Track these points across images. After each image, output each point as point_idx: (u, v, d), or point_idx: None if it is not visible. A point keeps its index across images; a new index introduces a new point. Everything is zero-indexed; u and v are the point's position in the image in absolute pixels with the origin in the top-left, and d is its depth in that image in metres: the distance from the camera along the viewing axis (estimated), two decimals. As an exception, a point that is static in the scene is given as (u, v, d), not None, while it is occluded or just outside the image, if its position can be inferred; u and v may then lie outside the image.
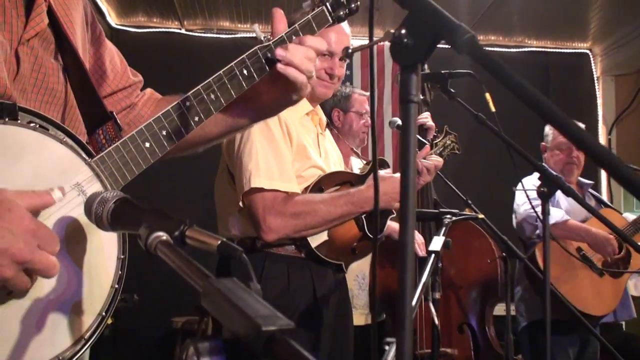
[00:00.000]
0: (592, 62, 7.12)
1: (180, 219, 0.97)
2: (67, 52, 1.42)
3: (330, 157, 2.85)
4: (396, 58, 0.91)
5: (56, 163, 1.24)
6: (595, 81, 7.14)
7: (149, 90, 1.75)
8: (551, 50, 7.07)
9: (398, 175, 2.62)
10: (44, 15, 1.36)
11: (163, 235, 0.92)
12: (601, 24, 6.50)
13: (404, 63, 0.90)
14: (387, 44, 0.91)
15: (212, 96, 1.48)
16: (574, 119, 4.28)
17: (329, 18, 1.64)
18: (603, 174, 6.99)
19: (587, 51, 7.13)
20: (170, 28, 6.67)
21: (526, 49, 7.03)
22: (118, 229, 1.10)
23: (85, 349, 1.24)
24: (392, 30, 0.89)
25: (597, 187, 6.81)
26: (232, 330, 0.66)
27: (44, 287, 1.16)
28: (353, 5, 1.67)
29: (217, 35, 6.66)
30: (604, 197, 6.94)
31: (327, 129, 2.99)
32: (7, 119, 1.17)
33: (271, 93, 1.61)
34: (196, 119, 1.47)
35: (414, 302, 2.10)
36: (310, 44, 1.54)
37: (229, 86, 1.50)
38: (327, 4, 1.63)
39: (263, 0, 6.01)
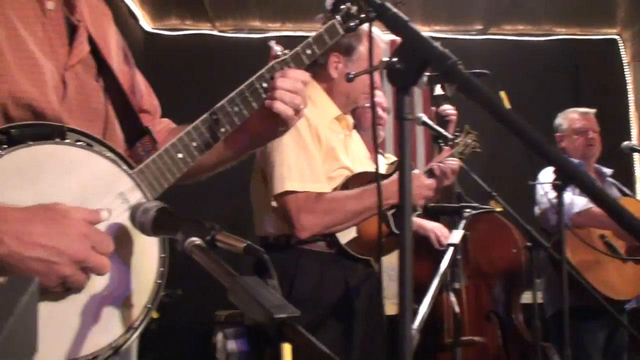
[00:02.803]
0: (621, 48, 7.09)
1: (211, 225, 1.14)
2: (107, 73, 1.59)
3: (357, 158, 3.01)
4: (391, 81, 1.05)
5: (101, 176, 1.40)
6: (626, 67, 7.11)
7: (165, 120, 1.89)
8: (579, 37, 7.06)
9: (420, 173, 2.74)
10: (85, 44, 1.53)
11: (197, 240, 1.09)
12: (629, 9, 6.49)
13: (398, 85, 1.05)
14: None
15: (236, 109, 1.64)
16: (605, 106, 4.41)
17: (340, 30, 1.76)
18: (636, 161, 6.97)
19: (616, 37, 7.10)
20: (203, 30, 6.86)
21: (554, 37, 7.03)
22: (159, 234, 1.28)
23: (135, 336, 1.41)
24: (386, 59, 1.04)
25: (630, 173, 6.82)
26: (253, 318, 0.82)
27: (98, 284, 1.33)
28: (363, 15, 1.79)
29: (248, 35, 6.82)
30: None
31: (354, 131, 3.15)
32: (57, 140, 1.34)
33: (262, 125, 1.71)
34: (222, 130, 1.62)
35: (431, 292, 2.25)
36: (292, 76, 1.65)
37: (250, 99, 1.66)
38: (338, 17, 1.76)
39: (292, 0, 6.16)
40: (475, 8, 6.43)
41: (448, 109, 3.67)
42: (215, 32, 6.86)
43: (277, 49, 1.69)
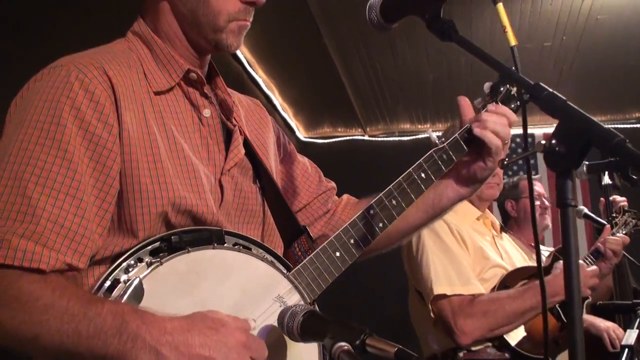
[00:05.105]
0: None
1: (360, 328, 1.08)
2: (263, 175, 1.62)
3: (513, 258, 2.90)
4: (550, 165, 0.97)
5: (259, 279, 1.40)
6: None
7: (345, 196, 1.91)
8: None
9: (582, 263, 2.57)
10: (241, 147, 1.57)
11: (345, 345, 1.04)
12: None
13: (558, 170, 0.97)
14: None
15: (394, 202, 1.61)
16: None
17: None
18: None
19: None
20: (355, 135, 7.05)
21: None
22: (308, 340, 1.23)
23: None
24: (543, 142, 0.96)
25: None
26: None
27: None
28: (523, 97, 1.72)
29: (399, 138, 6.93)
30: None
31: (504, 233, 3.10)
32: (215, 244, 1.36)
33: (467, 165, 1.70)
34: (380, 225, 1.59)
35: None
36: (501, 111, 1.65)
37: (408, 191, 1.63)
38: (497, 99, 1.71)
39: (440, 100, 6.19)
40: (630, 97, 6.12)
41: (619, 199, 3.46)
42: (366, 137, 7.02)
43: (434, 137, 1.67)
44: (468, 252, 2.71)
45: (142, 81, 1.43)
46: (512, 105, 1.72)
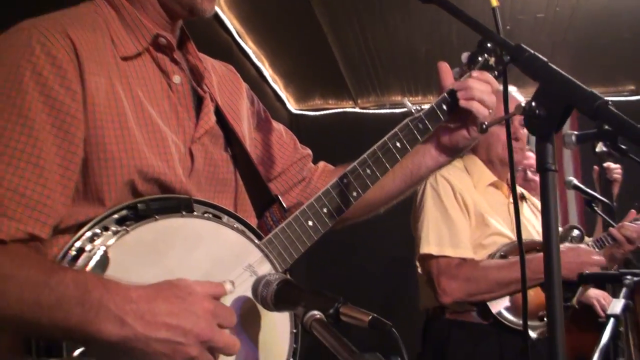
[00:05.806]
0: None
1: (334, 297, 1.05)
2: (235, 143, 1.57)
3: (527, 227, 2.88)
4: (530, 129, 0.93)
5: (230, 248, 1.36)
6: None
7: (322, 164, 1.87)
8: None
9: (583, 246, 2.56)
10: (212, 115, 1.52)
11: (317, 313, 1.01)
12: None
13: (538, 133, 0.92)
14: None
15: (368, 171, 1.58)
16: None
17: None
18: None
19: None
20: (346, 108, 6.99)
21: None
22: (281, 309, 1.20)
23: None
24: (523, 104, 0.92)
25: None
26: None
27: (224, 363, 1.25)
28: (501, 67, 1.69)
29: (390, 110, 6.86)
30: None
31: (526, 201, 3.07)
32: (184, 212, 1.31)
33: (449, 133, 1.68)
34: (354, 194, 1.56)
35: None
36: (485, 78, 1.62)
37: (383, 160, 1.59)
38: (475, 69, 1.67)
39: (432, 72, 6.10)
40: (624, 69, 6.07)
41: (613, 167, 3.40)
42: (357, 110, 6.96)
43: (410, 105, 1.63)
44: (468, 217, 2.72)
45: (108, 46, 1.37)
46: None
